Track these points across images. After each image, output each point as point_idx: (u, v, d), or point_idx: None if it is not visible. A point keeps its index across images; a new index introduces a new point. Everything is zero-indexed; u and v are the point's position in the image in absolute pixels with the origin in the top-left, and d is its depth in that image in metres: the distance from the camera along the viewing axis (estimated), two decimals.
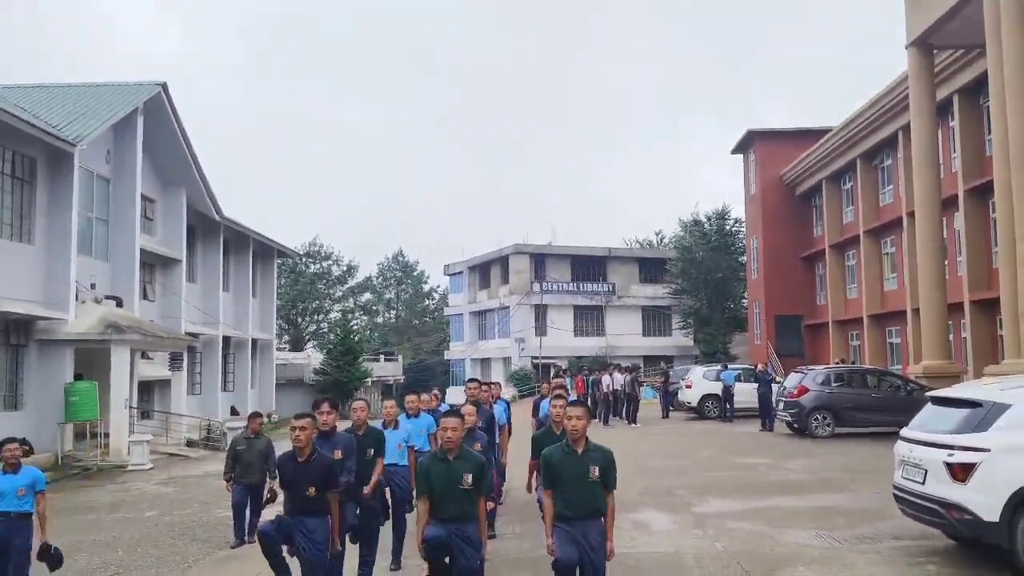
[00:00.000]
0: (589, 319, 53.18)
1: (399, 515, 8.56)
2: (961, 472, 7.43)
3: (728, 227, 47.51)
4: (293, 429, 6.28)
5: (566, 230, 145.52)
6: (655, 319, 53.86)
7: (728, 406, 25.46)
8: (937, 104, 22.68)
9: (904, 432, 8.64)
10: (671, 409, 28.21)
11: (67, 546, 7.68)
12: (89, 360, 21.12)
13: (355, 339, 47.49)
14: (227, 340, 32.84)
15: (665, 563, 8.39)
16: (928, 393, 9.54)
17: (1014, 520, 7.17)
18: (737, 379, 25.83)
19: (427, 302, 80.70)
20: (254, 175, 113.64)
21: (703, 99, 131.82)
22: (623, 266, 54.45)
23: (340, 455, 7.03)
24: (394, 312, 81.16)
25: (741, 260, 45.79)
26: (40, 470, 7.78)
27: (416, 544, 5.97)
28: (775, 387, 22.86)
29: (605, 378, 26.89)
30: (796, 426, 20.55)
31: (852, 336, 34.29)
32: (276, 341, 42.13)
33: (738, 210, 46.68)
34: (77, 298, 20.76)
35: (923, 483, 7.88)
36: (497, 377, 48.29)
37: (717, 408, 26.17)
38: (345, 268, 74.72)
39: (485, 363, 55.49)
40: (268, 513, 9.29)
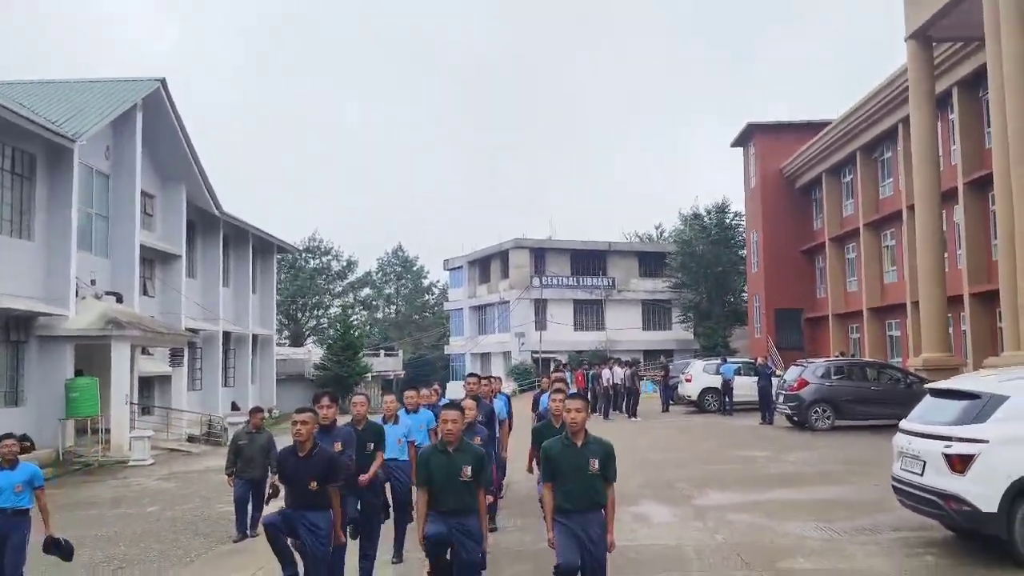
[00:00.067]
0: (589, 313, 53.19)
1: (400, 509, 8.60)
2: (959, 463, 7.47)
3: (728, 220, 47.53)
4: (295, 423, 6.30)
5: (566, 225, 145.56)
6: (655, 313, 53.90)
7: (727, 399, 25.51)
8: (936, 97, 22.68)
9: (903, 424, 8.69)
10: (671, 403, 28.28)
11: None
12: (89, 356, 21.15)
13: (355, 334, 47.51)
14: (227, 336, 32.88)
15: (666, 555, 8.43)
16: (927, 385, 9.56)
17: (1012, 511, 7.23)
18: (737, 373, 25.87)
19: (427, 297, 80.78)
20: (254, 175, 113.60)
21: (702, 93, 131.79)
22: (623, 260, 54.42)
23: (340, 447, 7.07)
24: (394, 307, 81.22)
25: (741, 254, 45.79)
26: (38, 466, 7.78)
27: (417, 537, 5.99)
28: (775, 380, 22.89)
29: (605, 372, 26.91)
30: (796, 419, 20.57)
31: (852, 329, 34.32)
32: (276, 336, 42.16)
33: (738, 203, 46.74)
34: (77, 294, 20.79)
35: (922, 474, 7.92)
36: (497, 371, 48.26)
37: (717, 402, 26.22)
38: (345, 263, 74.77)
39: (485, 358, 55.52)
40: (270, 508, 9.32)
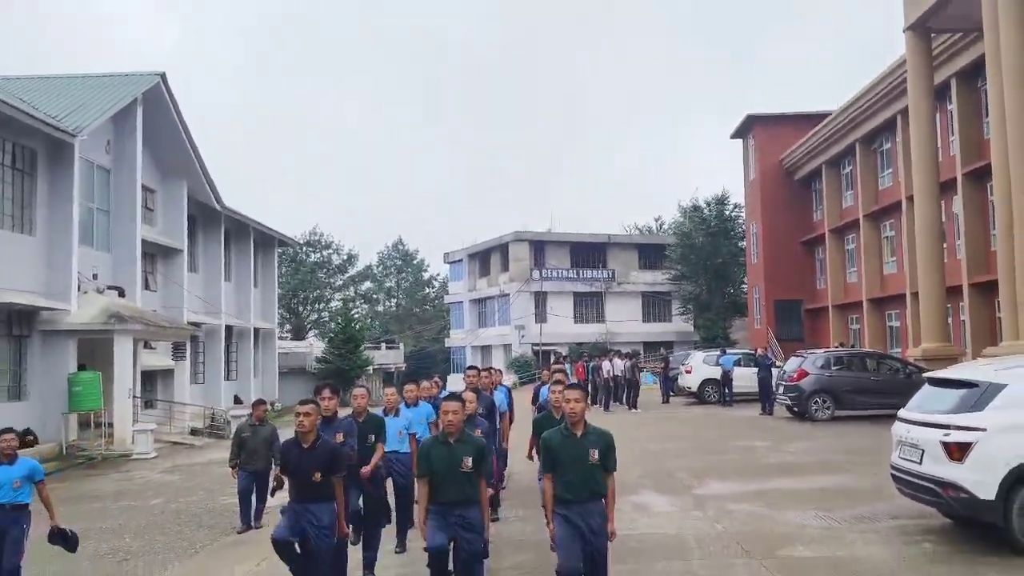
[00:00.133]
0: (589, 306, 53.26)
1: (402, 500, 8.66)
2: (957, 451, 7.54)
3: (727, 212, 47.52)
4: (298, 415, 6.32)
5: (565, 218, 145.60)
6: (655, 305, 53.94)
7: (727, 390, 25.59)
8: (935, 88, 22.70)
9: (901, 413, 8.75)
10: (671, 394, 28.35)
11: None
12: (92, 350, 21.22)
13: (356, 327, 47.61)
14: (229, 329, 32.94)
15: (666, 544, 8.49)
16: (925, 374, 9.63)
17: (1009, 498, 7.30)
18: (736, 364, 25.93)
19: (427, 290, 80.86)
20: (254, 175, 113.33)
21: (701, 86, 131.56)
22: (622, 252, 54.45)
23: (341, 438, 7.13)
24: (394, 300, 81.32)
25: (741, 245, 45.79)
26: (41, 459, 7.77)
27: (419, 526, 6.03)
28: (775, 371, 22.96)
29: (605, 364, 26.98)
30: (796, 409, 20.65)
31: (852, 320, 34.38)
32: (278, 330, 42.22)
33: (737, 195, 46.73)
34: (79, 288, 20.85)
35: (920, 463, 7.99)
36: (498, 364, 48.30)
37: (717, 393, 26.29)
38: (345, 257, 74.79)
39: (486, 350, 55.60)
40: (274, 500, 9.38)
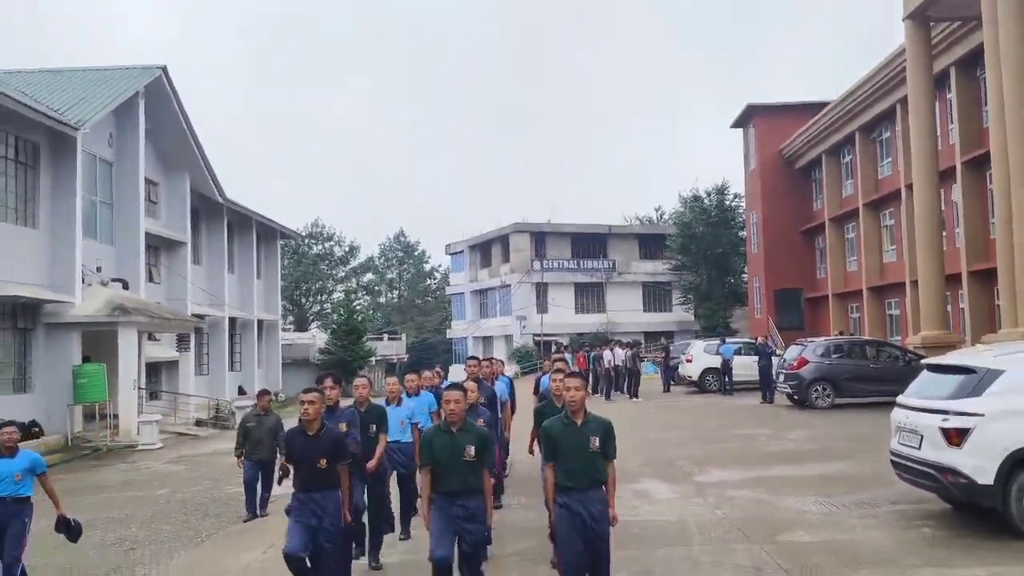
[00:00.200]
0: (590, 296, 53.36)
1: (405, 489, 8.75)
2: (956, 437, 7.61)
3: (728, 202, 47.53)
4: (302, 403, 6.37)
5: (566, 208, 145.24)
6: (655, 295, 54.03)
7: (727, 379, 25.69)
8: (934, 76, 22.70)
9: (900, 399, 8.82)
10: (672, 383, 28.46)
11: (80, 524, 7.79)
12: (96, 342, 21.33)
13: (358, 319, 47.68)
14: (233, 321, 33.02)
15: (668, 530, 8.59)
16: (923, 360, 9.70)
17: (1008, 482, 7.39)
18: (737, 353, 26.03)
19: (429, 281, 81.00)
20: (255, 169, 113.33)
21: (702, 75, 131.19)
22: (623, 243, 54.51)
23: (344, 428, 7.20)
24: (396, 292, 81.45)
25: (741, 235, 45.80)
26: (47, 451, 7.73)
27: (422, 516, 6.10)
28: (775, 360, 23.05)
29: (606, 354, 27.09)
30: (796, 398, 20.74)
31: (852, 308, 34.45)
32: (281, 321, 42.32)
33: (737, 185, 46.72)
34: (83, 281, 20.92)
35: (919, 448, 8.07)
36: (499, 355, 48.42)
37: (717, 382, 26.39)
38: (347, 249, 74.91)
39: (487, 341, 55.73)
40: (280, 489, 9.47)
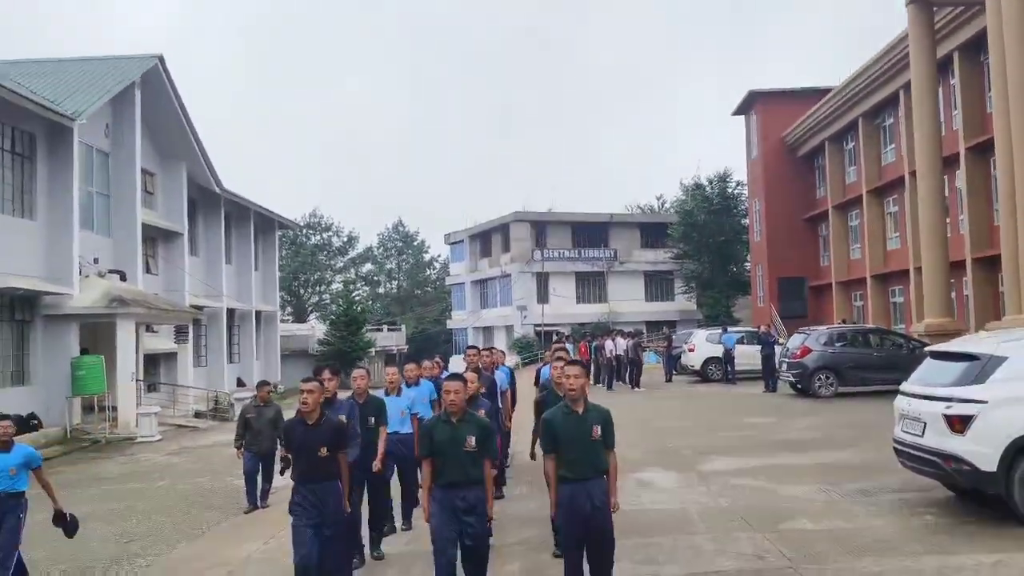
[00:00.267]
0: (591, 285, 53.22)
1: (405, 479, 8.69)
2: (959, 424, 7.54)
3: (730, 190, 47.24)
4: (302, 392, 6.34)
5: (567, 197, 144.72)
6: (657, 284, 53.89)
7: (730, 369, 25.62)
8: (937, 61, 22.53)
9: (904, 386, 8.75)
10: (674, 373, 28.40)
11: (81, 516, 7.69)
12: (95, 334, 21.28)
13: (357, 310, 47.61)
14: (231, 312, 32.98)
15: (671, 519, 8.54)
16: (927, 348, 9.62)
17: (1011, 469, 7.31)
18: (739, 342, 25.96)
19: (428, 272, 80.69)
20: (252, 160, 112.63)
21: (704, 62, 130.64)
22: (624, 232, 54.29)
23: (344, 420, 7.12)
24: (396, 282, 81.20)
25: (743, 223, 45.58)
26: (40, 445, 7.66)
27: (422, 507, 6.03)
28: (778, 349, 22.97)
29: (608, 343, 27.00)
30: (799, 386, 20.67)
31: (855, 296, 34.34)
32: (279, 313, 42.28)
33: (740, 173, 46.45)
34: (81, 273, 20.86)
35: (922, 435, 8.00)
36: (500, 345, 48.33)
37: (720, 371, 26.33)
38: (346, 239, 74.73)
39: (487, 331, 55.63)
40: (281, 480, 9.43)
